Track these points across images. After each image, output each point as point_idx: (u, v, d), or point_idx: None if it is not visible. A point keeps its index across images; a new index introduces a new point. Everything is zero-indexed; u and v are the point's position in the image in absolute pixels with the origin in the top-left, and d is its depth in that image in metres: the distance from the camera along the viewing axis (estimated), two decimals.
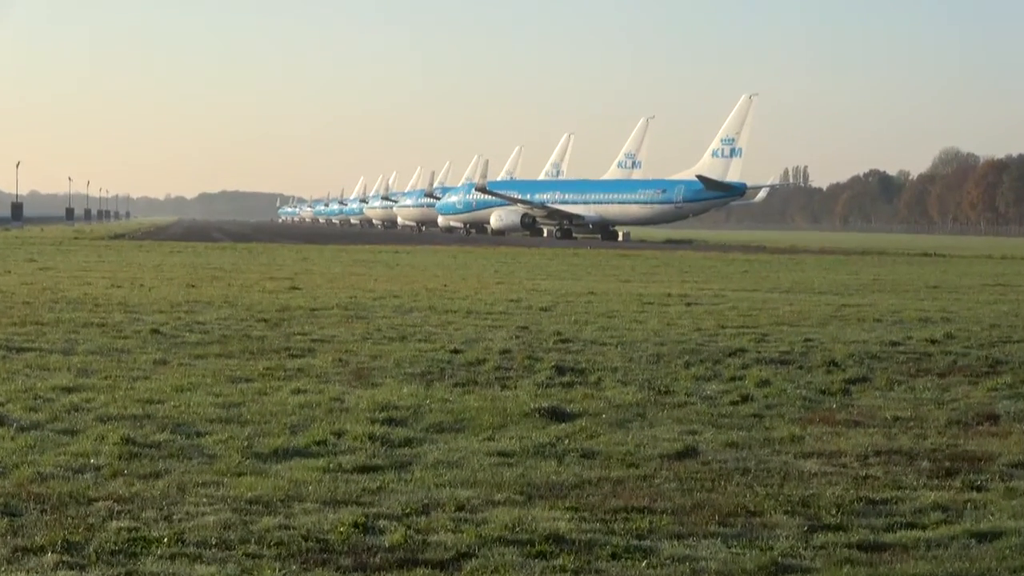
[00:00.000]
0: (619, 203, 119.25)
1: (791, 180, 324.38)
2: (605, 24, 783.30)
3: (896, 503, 11.59)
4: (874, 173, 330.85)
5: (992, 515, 11.18)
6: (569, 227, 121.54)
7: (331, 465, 12.60)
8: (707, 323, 27.96)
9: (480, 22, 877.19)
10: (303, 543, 9.91)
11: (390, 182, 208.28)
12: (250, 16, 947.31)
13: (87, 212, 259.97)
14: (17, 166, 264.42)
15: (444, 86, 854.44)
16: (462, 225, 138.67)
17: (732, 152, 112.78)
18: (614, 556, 9.76)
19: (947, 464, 13.22)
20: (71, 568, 9.28)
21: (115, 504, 10.97)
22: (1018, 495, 11.92)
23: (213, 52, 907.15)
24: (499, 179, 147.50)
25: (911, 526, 10.82)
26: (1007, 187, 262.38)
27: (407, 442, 13.87)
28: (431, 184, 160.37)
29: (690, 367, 20.26)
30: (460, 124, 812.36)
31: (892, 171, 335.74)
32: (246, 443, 13.53)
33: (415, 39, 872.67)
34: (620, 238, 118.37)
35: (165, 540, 9.85)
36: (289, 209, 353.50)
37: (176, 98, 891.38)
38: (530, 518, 10.69)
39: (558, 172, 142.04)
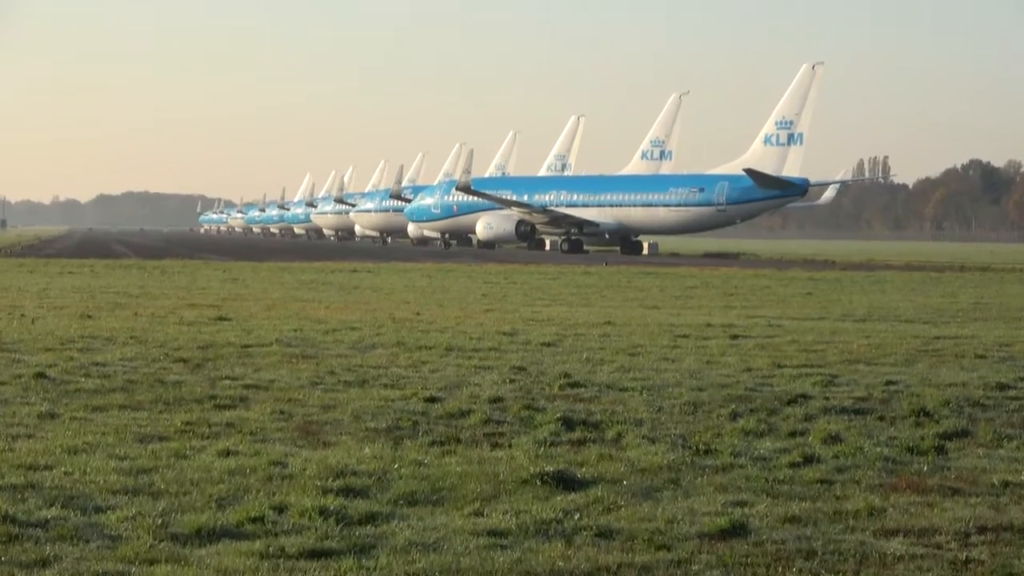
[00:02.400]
0: (644, 205, 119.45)
1: (867, 175, 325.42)
2: None
3: None
4: (975, 165, 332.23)
5: None
6: (579, 237, 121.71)
7: (270, 549, 12.60)
8: (759, 361, 28.02)
9: None
10: None
11: (345, 180, 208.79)
12: None
13: None
14: None
15: (414, 56, 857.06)
16: (439, 235, 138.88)
17: (790, 139, 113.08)
18: None
19: None
20: None
21: None
22: None
23: (113, 17, 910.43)
24: (487, 175, 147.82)
25: None
26: None
27: (369, 518, 13.87)
28: (399, 182, 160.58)
29: (737, 419, 20.29)
30: (436, 105, 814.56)
31: (998, 162, 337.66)
32: (159, 521, 13.52)
33: None
34: (645, 251, 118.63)
35: None
36: (214, 216, 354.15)
37: (65, 77, 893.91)
38: None
39: (564, 166, 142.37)
